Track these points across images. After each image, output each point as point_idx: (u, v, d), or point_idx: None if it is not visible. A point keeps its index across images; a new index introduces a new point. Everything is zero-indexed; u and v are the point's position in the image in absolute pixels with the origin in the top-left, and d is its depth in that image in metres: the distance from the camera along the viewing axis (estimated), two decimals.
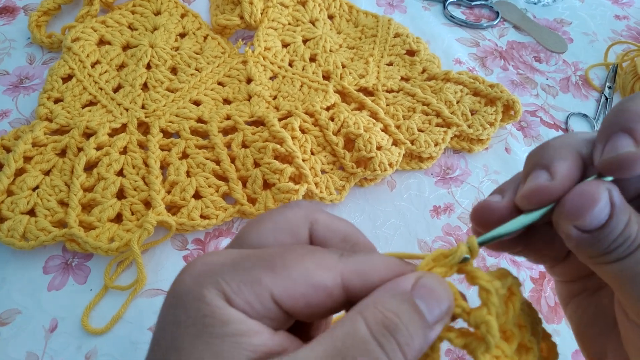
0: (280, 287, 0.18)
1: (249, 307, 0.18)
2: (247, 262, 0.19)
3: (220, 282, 0.18)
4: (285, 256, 0.19)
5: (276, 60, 0.55)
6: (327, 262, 0.19)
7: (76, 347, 0.37)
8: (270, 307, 0.18)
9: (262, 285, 0.18)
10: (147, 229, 0.39)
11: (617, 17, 0.69)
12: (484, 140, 0.51)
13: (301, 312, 0.18)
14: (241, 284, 0.18)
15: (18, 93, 0.51)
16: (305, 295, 0.18)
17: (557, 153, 0.21)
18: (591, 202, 0.18)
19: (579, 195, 0.19)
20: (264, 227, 0.21)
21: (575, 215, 0.19)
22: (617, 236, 0.19)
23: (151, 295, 0.40)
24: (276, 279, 0.18)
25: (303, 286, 0.18)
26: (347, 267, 0.19)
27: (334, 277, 0.19)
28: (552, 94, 0.58)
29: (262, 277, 0.18)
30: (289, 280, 0.18)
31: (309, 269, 0.18)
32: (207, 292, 0.18)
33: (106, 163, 0.44)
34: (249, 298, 0.18)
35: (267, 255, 0.19)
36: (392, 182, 0.49)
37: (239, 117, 0.48)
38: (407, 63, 0.56)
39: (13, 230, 0.40)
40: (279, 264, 0.18)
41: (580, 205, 0.19)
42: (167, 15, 0.58)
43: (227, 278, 0.18)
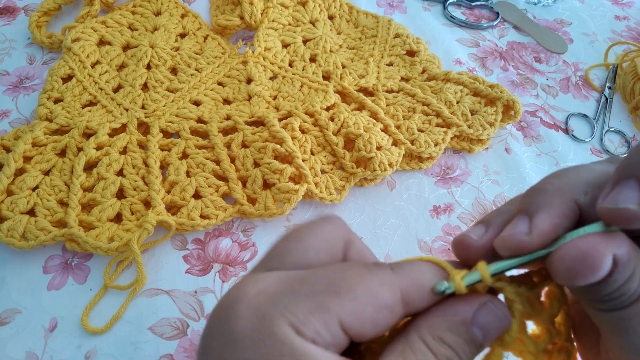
0: (349, 312, 0.17)
1: (319, 337, 0.17)
2: (309, 288, 0.17)
3: (286, 314, 0.16)
4: (347, 277, 0.18)
5: (276, 60, 0.55)
6: (386, 278, 0.18)
7: (76, 347, 0.37)
8: (337, 335, 0.17)
9: (330, 312, 0.17)
10: (146, 229, 0.39)
11: (617, 17, 0.69)
12: (484, 141, 0.51)
13: (366, 335, 0.18)
14: (308, 314, 0.16)
15: (18, 93, 0.51)
16: (373, 317, 0.17)
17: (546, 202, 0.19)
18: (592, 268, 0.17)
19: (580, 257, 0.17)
20: (306, 243, 0.20)
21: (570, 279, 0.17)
22: (613, 290, 0.18)
23: (151, 295, 0.40)
24: (343, 303, 0.17)
25: (370, 308, 0.17)
26: (404, 281, 0.18)
27: (395, 293, 0.18)
28: (552, 94, 0.58)
29: (329, 302, 0.17)
30: (357, 304, 0.17)
31: (373, 288, 0.18)
32: (277, 328, 0.16)
33: (106, 163, 0.44)
34: (318, 328, 0.16)
35: (328, 278, 0.18)
36: (392, 182, 0.49)
37: (239, 117, 0.48)
38: (407, 63, 0.56)
39: (13, 230, 0.40)
40: (343, 287, 0.17)
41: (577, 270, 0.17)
42: (168, 16, 0.58)
43: (292, 308, 0.17)
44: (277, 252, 0.20)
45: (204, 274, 0.41)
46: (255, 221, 0.45)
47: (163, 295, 0.40)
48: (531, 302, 0.20)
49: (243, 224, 0.45)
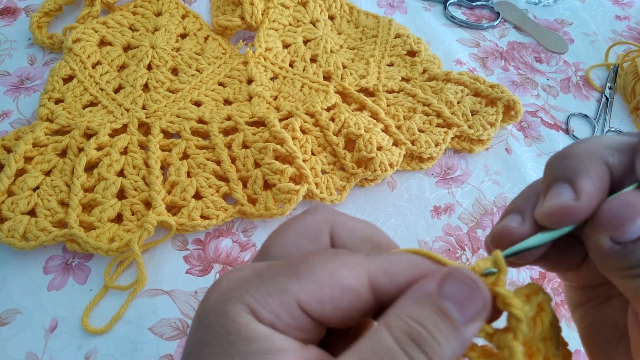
0: (307, 291, 0.17)
1: (277, 318, 0.17)
2: (271, 272, 0.18)
3: (245, 296, 0.17)
4: (308, 261, 0.18)
5: (277, 61, 0.55)
6: (353, 262, 0.18)
7: (76, 347, 0.37)
8: (298, 316, 0.17)
9: (288, 293, 0.17)
10: (147, 229, 0.39)
11: (618, 17, 0.69)
12: (484, 141, 0.51)
13: (330, 318, 0.18)
14: (266, 295, 0.17)
15: (19, 94, 0.51)
16: (333, 297, 0.17)
17: (582, 164, 0.19)
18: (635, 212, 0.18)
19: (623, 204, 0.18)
20: (285, 235, 0.21)
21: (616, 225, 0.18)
22: None
23: (151, 295, 0.40)
24: (301, 284, 0.17)
25: (329, 288, 0.17)
26: (374, 266, 0.18)
27: (361, 277, 0.18)
28: (552, 94, 0.58)
29: (287, 284, 0.17)
30: (315, 284, 0.17)
31: (334, 270, 0.18)
32: (231, 307, 0.17)
33: (107, 163, 0.44)
34: (276, 309, 0.17)
35: (290, 263, 0.18)
36: (392, 183, 0.49)
37: (240, 118, 0.48)
38: (408, 63, 0.56)
39: (13, 231, 0.40)
40: (302, 269, 0.18)
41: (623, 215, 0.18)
42: (168, 16, 0.58)
43: (252, 291, 0.17)
44: (262, 248, 0.21)
45: (205, 275, 0.41)
46: (255, 221, 0.45)
47: (163, 296, 0.40)
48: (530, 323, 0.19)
49: (243, 225, 0.45)
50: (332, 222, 0.21)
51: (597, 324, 0.23)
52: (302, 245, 0.20)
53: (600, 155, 0.19)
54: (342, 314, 0.18)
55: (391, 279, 0.18)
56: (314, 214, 0.21)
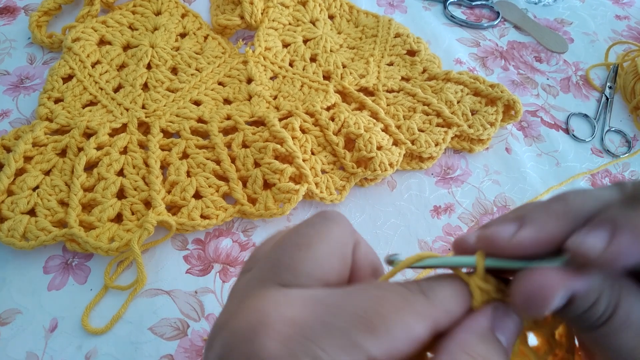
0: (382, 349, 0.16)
1: None
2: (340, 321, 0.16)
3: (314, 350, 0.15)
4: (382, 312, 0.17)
5: (277, 60, 0.55)
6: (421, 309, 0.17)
7: (76, 347, 0.37)
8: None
9: (362, 349, 0.16)
10: (147, 229, 0.39)
11: (618, 17, 0.69)
12: (484, 140, 0.51)
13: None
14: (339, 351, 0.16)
15: (18, 93, 0.51)
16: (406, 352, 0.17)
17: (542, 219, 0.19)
18: (542, 302, 0.17)
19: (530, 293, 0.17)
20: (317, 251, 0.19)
21: (525, 307, 0.18)
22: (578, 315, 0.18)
23: (151, 295, 0.40)
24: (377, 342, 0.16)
25: (405, 344, 0.17)
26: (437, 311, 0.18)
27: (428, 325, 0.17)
28: (552, 94, 0.58)
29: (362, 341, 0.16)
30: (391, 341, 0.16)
31: (409, 323, 0.17)
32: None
33: (106, 163, 0.44)
34: None
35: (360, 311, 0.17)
36: (392, 182, 0.49)
37: (240, 117, 0.48)
38: (408, 63, 0.56)
39: (13, 230, 0.40)
40: (377, 323, 0.16)
41: (529, 304, 0.17)
42: (168, 16, 0.58)
43: (321, 344, 0.16)
44: (287, 262, 0.19)
45: (205, 274, 0.41)
46: (255, 221, 0.45)
47: (163, 296, 0.40)
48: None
49: (243, 224, 0.44)
50: (355, 241, 0.20)
51: None
52: (334, 264, 0.19)
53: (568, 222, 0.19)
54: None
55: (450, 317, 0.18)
56: (339, 224, 0.20)
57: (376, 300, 0.17)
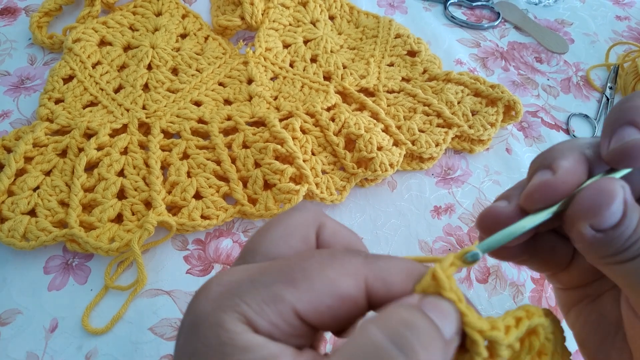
0: (305, 301, 0.17)
1: (273, 327, 0.17)
2: (266, 277, 0.17)
3: (239, 304, 0.17)
4: (305, 266, 0.17)
5: (277, 61, 0.55)
6: (351, 267, 0.18)
7: (76, 347, 0.37)
8: (295, 324, 0.17)
9: (284, 301, 0.17)
10: (147, 229, 0.39)
11: (618, 17, 0.69)
12: (485, 141, 0.51)
13: (327, 325, 0.17)
14: (262, 304, 0.17)
15: (19, 94, 0.51)
16: (331, 307, 0.17)
17: (560, 153, 0.20)
18: (609, 198, 0.18)
19: (597, 191, 0.18)
20: (274, 233, 0.20)
21: (592, 213, 0.18)
22: (630, 235, 0.18)
23: (151, 296, 0.40)
24: (299, 293, 0.17)
25: (328, 298, 0.17)
26: (372, 273, 0.18)
27: (359, 284, 0.17)
28: (553, 94, 0.58)
29: (284, 292, 0.17)
30: (313, 293, 0.17)
31: (333, 278, 0.17)
32: (226, 316, 0.16)
33: (107, 163, 0.44)
34: (272, 318, 0.16)
35: (285, 267, 0.17)
36: (392, 183, 0.49)
37: (240, 118, 0.48)
38: (408, 64, 0.56)
39: (14, 231, 0.40)
40: (299, 276, 0.17)
41: (598, 202, 0.18)
42: (168, 16, 0.58)
43: (246, 298, 0.17)
44: (249, 246, 0.20)
45: (205, 275, 0.41)
46: (256, 221, 0.45)
47: (164, 296, 0.40)
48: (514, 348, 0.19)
49: (244, 225, 0.45)
50: (319, 222, 0.21)
51: (590, 323, 0.24)
52: (292, 244, 0.20)
53: (577, 147, 0.21)
54: (339, 321, 0.17)
55: (387, 288, 0.18)
56: (302, 210, 0.21)
57: (302, 259, 0.18)
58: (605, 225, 0.18)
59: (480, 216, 0.21)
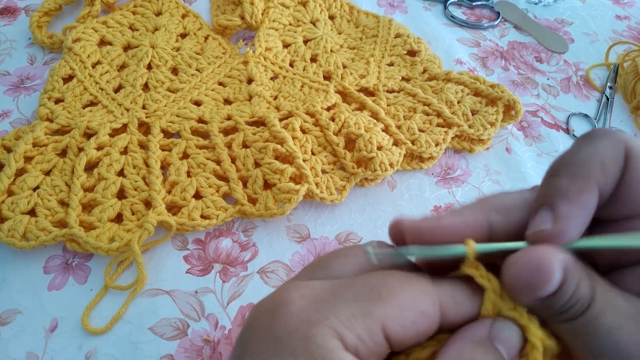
0: (392, 317, 0.17)
1: (360, 343, 0.17)
2: (351, 292, 0.17)
3: (330, 318, 0.16)
4: (388, 284, 0.18)
5: (277, 60, 0.55)
6: (427, 288, 0.18)
7: (76, 347, 0.37)
8: (380, 342, 0.17)
9: (374, 316, 0.17)
10: (147, 229, 0.39)
11: (618, 17, 0.69)
12: (484, 141, 0.51)
13: (407, 342, 0.18)
14: (352, 318, 0.17)
15: (19, 93, 0.51)
16: (415, 323, 0.17)
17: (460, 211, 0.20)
18: (547, 276, 0.17)
19: (534, 268, 0.17)
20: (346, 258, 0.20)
21: (529, 292, 0.18)
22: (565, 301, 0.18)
23: (151, 295, 0.40)
24: (387, 308, 0.17)
25: (412, 313, 0.17)
26: (444, 294, 0.18)
27: (435, 303, 0.18)
28: (553, 94, 0.58)
29: (372, 307, 0.17)
30: (399, 309, 0.17)
31: (415, 295, 0.18)
32: (317, 331, 0.16)
33: (107, 163, 0.44)
34: (361, 333, 0.17)
35: (369, 283, 0.18)
36: (392, 182, 0.49)
37: (240, 118, 0.48)
38: (408, 63, 0.56)
39: (13, 230, 0.40)
40: (385, 292, 0.17)
41: (534, 281, 0.17)
42: (168, 16, 0.58)
43: (336, 312, 0.17)
44: (318, 264, 0.20)
45: (205, 274, 0.41)
46: (255, 221, 0.45)
47: (163, 296, 0.40)
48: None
49: (244, 224, 0.44)
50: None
51: None
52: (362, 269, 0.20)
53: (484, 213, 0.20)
54: (418, 339, 0.18)
55: (458, 309, 0.18)
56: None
57: (382, 277, 0.18)
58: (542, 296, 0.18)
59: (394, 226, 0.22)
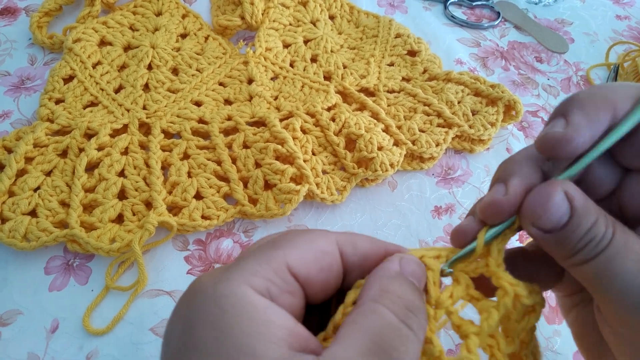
0: (293, 256, 0.20)
1: (270, 284, 0.19)
2: (255, 251, 0.20)
3: (235, 273, 0.19)
4: (288, 236, 0.21)
5: (277, 60, 0.55)
6: (324, 233, 0.22)
7: (77, 348, 0.37)
8: (288, 280, 0.19)
9: (277, 258, 0.19)
10: (148, 230, 0.39)
11: (618, 17, 0.69)
12: (485, 141, 0.51)
13: (314, 278, 0.20)
14: (257, 265, 0.19)
15: (19, 94, 0.51)
16: (316, 258, 0.20)
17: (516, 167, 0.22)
18: (545, 199, 0.19)
19: (534, 194, 0.20)
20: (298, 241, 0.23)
21: (532, 215, 0.19)
22: (581, 236, 0.19)
23: (152, 296, 0.40)
24: (287, 251, 0.20)
25: (311, 252, 0.20)
26: (341, 237, 0.22)
27: (333, 243, 0.21)
28: (553, 94, 0.58)
29: (274, 253, 0.20)
30: (299, 250, 0.20)
31: (312, 238, 0.21)
32: (223, 285, 0.18)
33: (107, 164, 0.44)
34: (267, 274, 0.19)
35: (270, 240, 0.21)
36: (393, 183, 0.49)
37: (240, 118, 0.48)
38: (408, 63, 0.56)
39: (14, 231, 0.40)
40: (284, 242, 0.20)
41: (535, 205, 0.19)
42: (168, 16, 0.58)
43: (242, 266, 0.19)
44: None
45: None
46: (256, 222, 0.45)
47: (164, 296, 0.40)
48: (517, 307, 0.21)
49: (244, 225, 0.45)
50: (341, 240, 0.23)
51: (586, 325, 0.24)
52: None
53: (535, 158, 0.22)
54: (324, 274, 0.20)
55: (355, 248, 0.22)
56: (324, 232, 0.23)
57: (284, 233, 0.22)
58: (547, 225, 0.19)
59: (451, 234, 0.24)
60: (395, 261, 0.21)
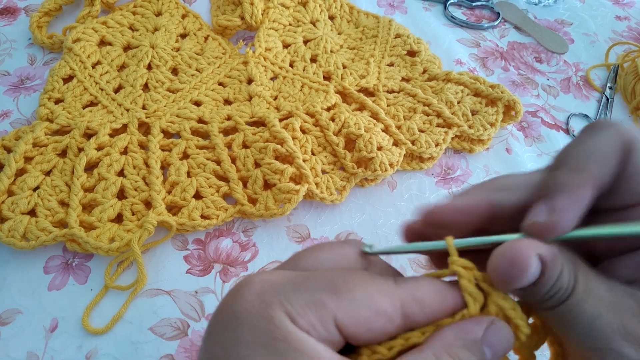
0: (345, 311, 0.18)
1: (313, 330, 0.18)
2: (309, 283, 0.18)
3: (284, 303, 0.18)
4: (347, 280, 0.19)
5: (277, 60, 0.55)
6: (387, 288, 0.19)
7: (76, 347, 0.37)
8: (332, 332, 0.18)
9: (326, 308, 0.18)
10: (147, 229, 0.39)
11: (618, 17, 0.69)
12: (484, 141, 0.51)
13: (360, 337, 0.18)
14: (305, 306, 0.18)
15: (19, 93, 0.51)
16: (368, 320, 0.18)
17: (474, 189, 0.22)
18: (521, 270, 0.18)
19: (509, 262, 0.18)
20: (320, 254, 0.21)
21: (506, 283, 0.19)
22: (548, 289, 0.19)
23: (151, 295, 0.40)
24: (341, 303, 0.18)
25: (367, 311, 0.18)
26: (405, 294, 0.19)
27: (395, 303, 0.19)
28: (553, 94, 0.58)
29: (327, 299, 0.18)
30: (353, 305, 0.18)
31: (372, 294, 0.19)
32: (274, 313, 0.17)
33: (107, 163, 0.44)
34: (313, 321, 0.18)
35: (328, 278, 0.19)
36: (392, 183, 0.49)
37: (240, 118, 0.48)
38: (408, 64, 0.56)
39: (14, 231, 0.40)
40: (342, 288, 0.18)
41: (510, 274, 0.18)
42: (168, 16, 0.58)
43: (291, 299, 0.18)
44: (291, 258, 0.21)
45: (205, 274, 0.41)
46: (256, 221, 0.45)
47: (164, 296, 0.40)
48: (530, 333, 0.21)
49: (244, 224, 0.45)
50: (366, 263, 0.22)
51: None
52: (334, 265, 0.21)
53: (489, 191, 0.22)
54: (372, 335, 0.19)
55: (422, 308, 0.19)
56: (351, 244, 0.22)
57: (344, 274, 0.19)
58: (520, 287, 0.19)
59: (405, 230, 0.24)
60: (483, 324, 0.19)
